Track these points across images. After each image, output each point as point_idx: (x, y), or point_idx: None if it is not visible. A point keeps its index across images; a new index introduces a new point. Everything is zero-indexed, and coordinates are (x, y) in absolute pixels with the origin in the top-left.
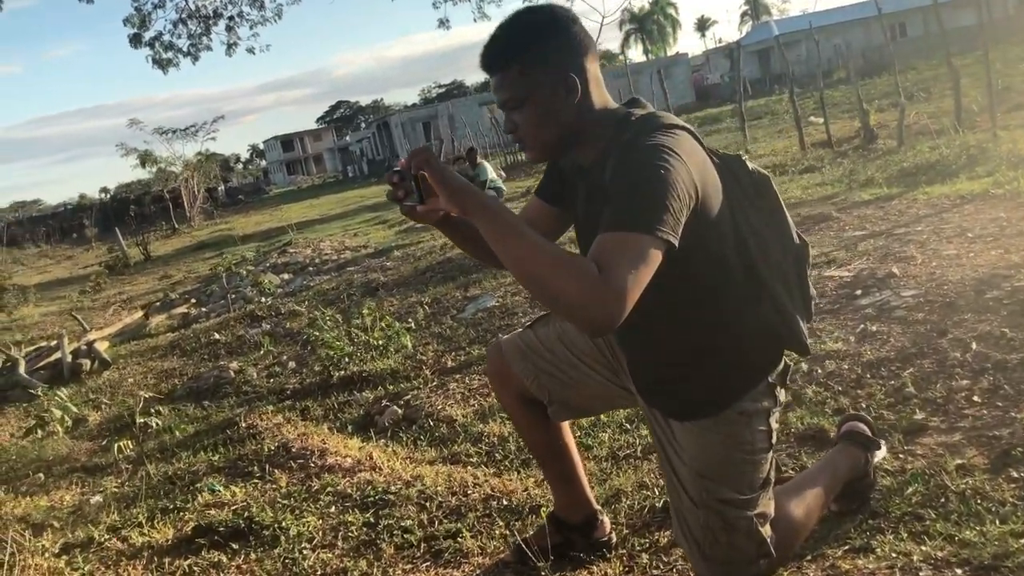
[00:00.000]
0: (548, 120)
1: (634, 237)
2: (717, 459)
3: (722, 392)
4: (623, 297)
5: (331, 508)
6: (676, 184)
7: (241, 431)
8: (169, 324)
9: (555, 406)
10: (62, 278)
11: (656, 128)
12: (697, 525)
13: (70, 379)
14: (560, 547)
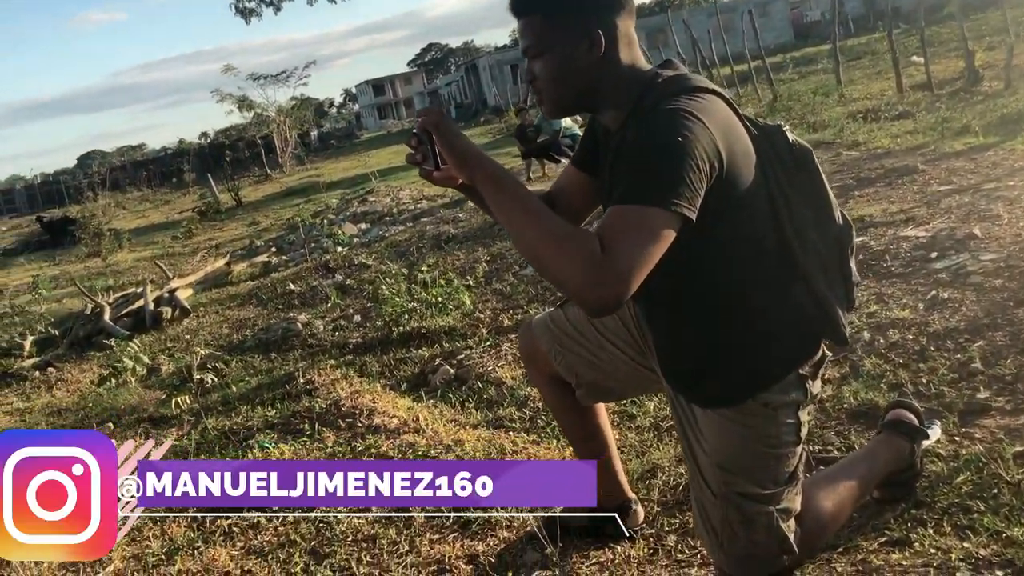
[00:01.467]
0: (566, 74)
1: (644, 211)
2: (738, 451)
3: (746, 381)
4: (626, 277)
5: None
6: (695, 152)
7: (299, 387)
8: (250, 272)
9: (583, 389)
10: (158, 223)
11: (681, 91)
12: (716, 517)
13: (151, 327)
14: (589, 530)
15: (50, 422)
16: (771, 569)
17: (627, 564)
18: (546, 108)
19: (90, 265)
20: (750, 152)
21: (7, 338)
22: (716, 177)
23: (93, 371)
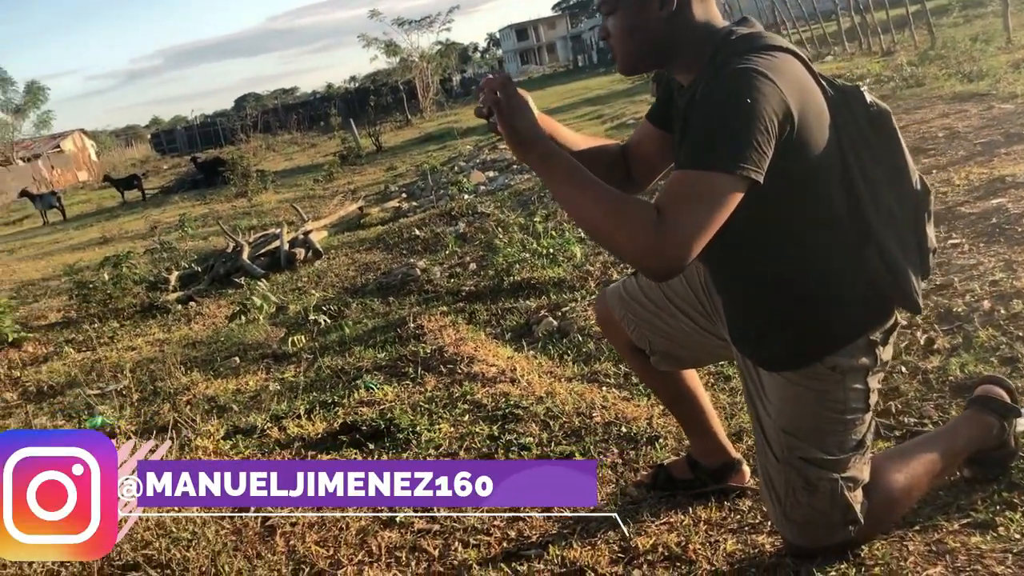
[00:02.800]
0: (637, 31)
1: (708, 176)
2: (803, 414)
3: (813, 343)
4: (684, 243)
5: (464, 417)
6: (763, 113)
7: (409, 331)
8: (381, 217)
9: (656, 356)
10: (303, 165)
11: (753, 49)
12: (779, 482)
13: (285, 267)
14: (691, 484)
15: (185, 353)
16: (834, 539)
17: (695, 526)
18: (618, 64)
19: (237, 205)
20: (823, 113)
21: (155, 272)
22: (786, 138)
23: (228, 307)
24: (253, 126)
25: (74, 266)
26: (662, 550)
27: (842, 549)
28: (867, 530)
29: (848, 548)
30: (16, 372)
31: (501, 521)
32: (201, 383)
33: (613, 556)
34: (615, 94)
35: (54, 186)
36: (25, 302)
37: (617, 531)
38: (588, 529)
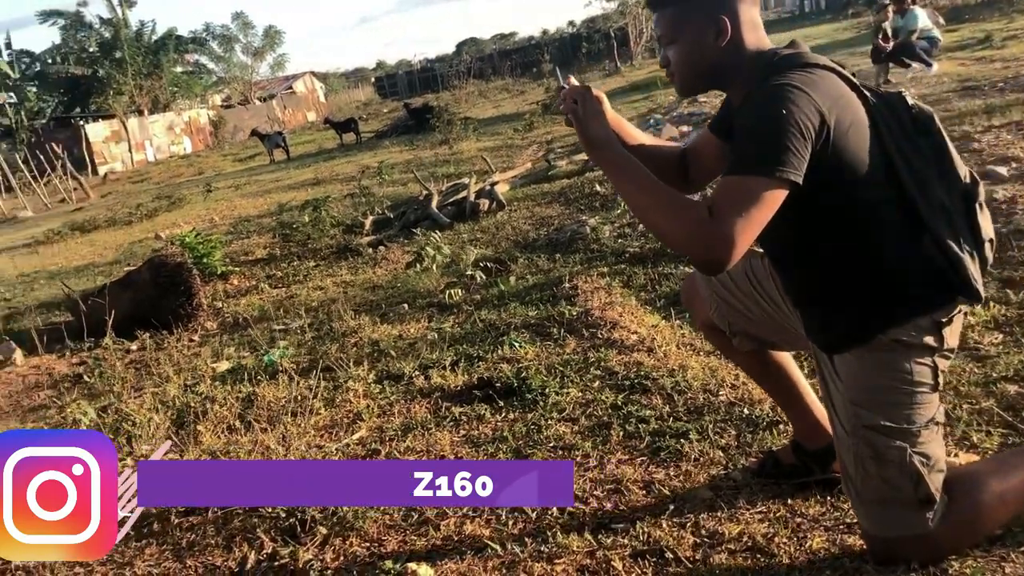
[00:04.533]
0: (694, 59)
1: (749, 180)
2: (870, 384)
3: (875, 318)
4: (730, 241)
5: (594, 383)
6: (797, 121)
7: (563, 290)
8: (568, 170)
9: (737, 337)
10: (508, 113)
11: (791, 67)
12: (849, 459)
13: (469, 217)
14: (796, 471)
15: (364, 296)
16: (912, 527)
17: (791, 518)
18: (677, 89)
19: (439, 152)
20: (861, 120)
21: (353, 216)
22: (823, 142)
23: (408, 255)
24: (467, 72)
25: (285, 205)
26: (747, 539)
27: (926, 558)
28: (951, 534)
29: (933, 558)
30: (219, 303)
31: (602, 491)
32: (368, 327)
33: (698, 539)
34: (836, 44)
35: (285, 125)
36: (239, 237)
37: (710, 515)
38: (682, 510)
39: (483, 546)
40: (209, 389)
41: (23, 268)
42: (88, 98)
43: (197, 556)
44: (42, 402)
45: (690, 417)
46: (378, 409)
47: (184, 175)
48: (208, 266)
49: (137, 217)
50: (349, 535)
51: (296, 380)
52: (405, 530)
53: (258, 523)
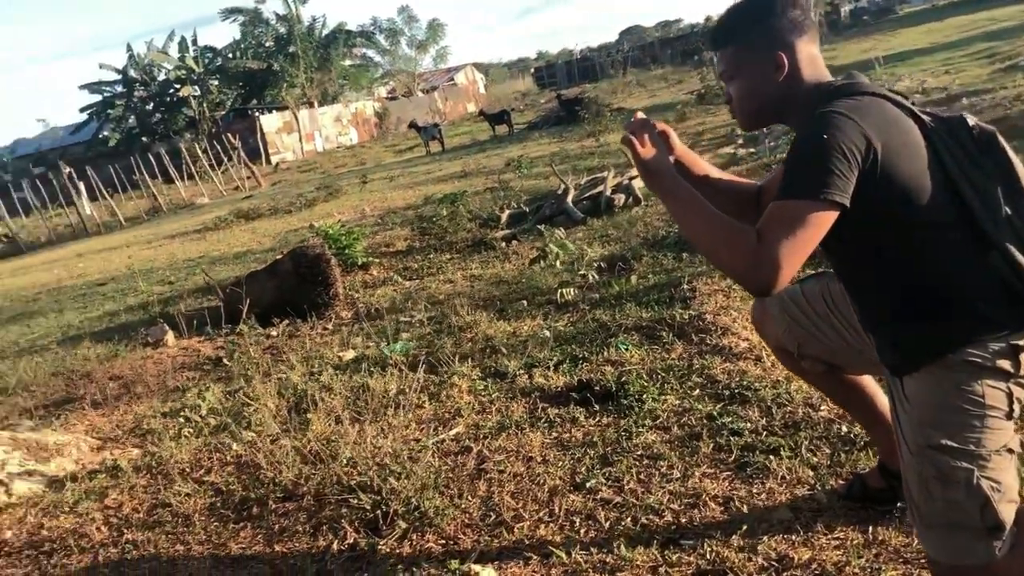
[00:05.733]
0: (754, 94)
1: (794, 203)
2: (937, 403)
3: (943, 338)
4: (776, 263)
5: (694, 391)
6: (840, 145)
7: (681, 292)
8: (714, 163)
9: (807, 360)
10: (662, 103)
11: (840, 96)
12: (914, 480)
13: (604, 212)
14: (884, 495)
15: (488, 291)
16: (977, 555)
17: (869, 547)
18: (739, 123)
19: (585, 144)
20: (914, 143)
21: (490, 209)
22: (871, 165)
23: (536, 250)
24: (625, 61)
25: (430, 198)
26: (816, 567)
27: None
28: (1018, 566)
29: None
30: (356, 293)
31: (679, 504)
32: (484, 323)
33: (766, 563)
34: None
35: (445, 117)
36: (384, 228)
37: (784, 538)
38: (756, 530)
39: (550, 552)
40: (329, 378)
41: (190, 253)
42: (263, 90)
43: (286, 542)
44: (183, 383)
45: (785, 432)
46: (478, 406)
47: (347, 165)
48: (350, 257)
49: (296, 207)
50: (427, 531)
51: (404, 374)
52: (481, 530)
53: (345, 514)
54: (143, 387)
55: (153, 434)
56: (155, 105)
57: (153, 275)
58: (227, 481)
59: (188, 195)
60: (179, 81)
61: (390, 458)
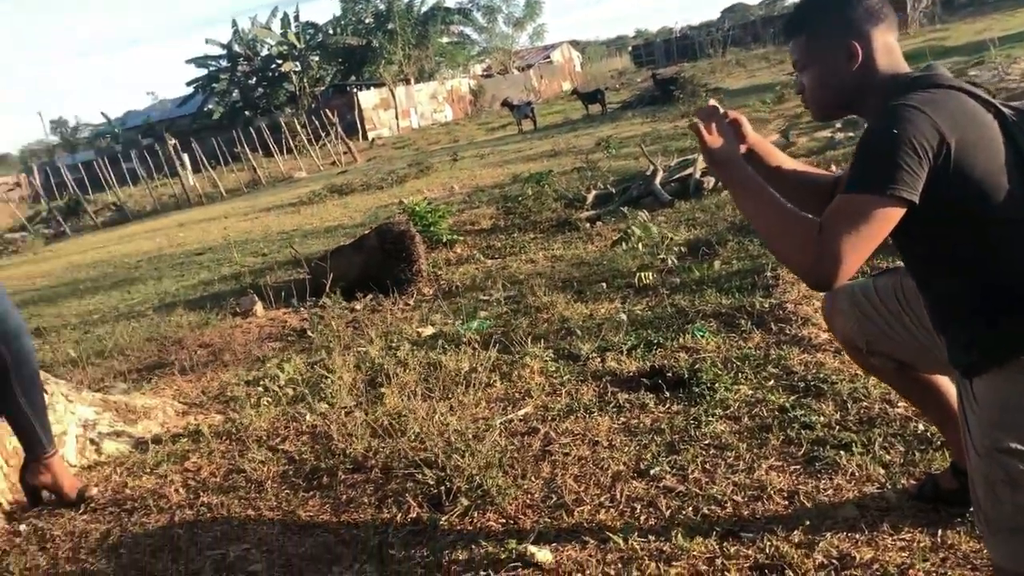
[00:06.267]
0: (827, 84)
1: (860, 198)
2: (1008, 406)
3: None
4: (837, 258)
5: (768, 382)
6: (911, 139)
7: (764, 280)
8: (809, 147)
9: (876, 356)
10: (761, 84)
11: (914, 88)
12: (980, 483)
13: (692, 195)
14: (956, 497)
15: (568, 272)
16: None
17: (936, 550)
18: (812, 114)
19: (679, 125)
20: (991, 138)
21: (576, 190)
22: (943, 161)
23: (619, 232)
24: (725, 40)
25: (518, 176)
26: (878, 567)
27: None
28: None
29: None
30: (438, 270)
31: (743, 496)
32: (561, 304)
33: (826, 560)
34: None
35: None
36: (471, 207)
37: (847, 536)
38: (820, 526)
39: (607, 537)
40: (405, 354)
41: (284, 226)
42: (362, 67)
43: (352, 512)
44: (268, 353)
45: (859, 428)
46: (549, 387)
47: (440, 142)
48: (435, 234)
49: (388, 183)
50: (488, 509)
51: (477, 352)
52: (541, 511)
53: (410, 488)
54: (230, 355)
55: (235, 401)
56: (257, 80)
57: (247, 246)
58: (300, 450)
59: (286, 169)
60: (281, 56)
61: (456, 435)
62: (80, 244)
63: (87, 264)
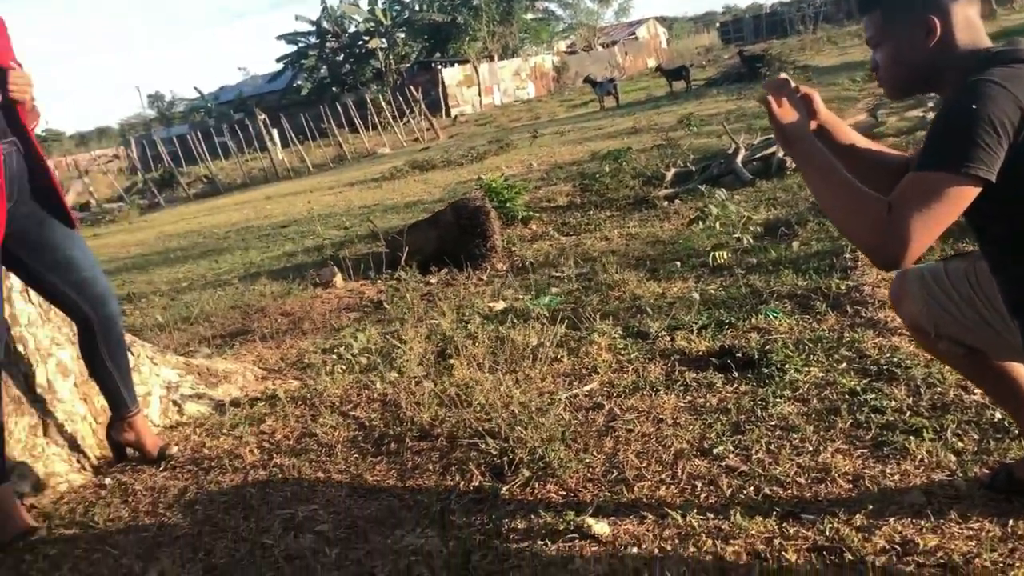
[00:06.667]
0: (902, 60)
1: (932, 176)
2: None
3: None
4: (905, 238)
5: (840, 364)
6: (990, 116)
7: (843, 261)
8: (897, 127)
9: (944, 342)
10: (852, 61)
11: (996, 63)
12: None
13: (775, 174)
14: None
15: (642, 250)
16: None
17: (1005, 541)
18: (886, 92)
19: None
20: None
21: (655, 167)
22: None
23: (696, 210)
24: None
25: (597, 154)
26: (941, 555)
27: None
28: None
29: None
30: (513, 247)
31: (806, 478)
32: (633, 282)
33: (887, 545)
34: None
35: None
36: (548, 183)
37: (912, 522)
38: (883, 511)
39: (666, 513)
40: (476, 327)
41: (366, 200)
42: (447, 44)
43: (417, 478)
44: (345, 323)
45: (932, 414)
46: (616, 364)
47: (521, 120)
48: (511, 211)
49: (468, 159)
50: (549, 481)
51: (545, 327)
52: (602, 485)
53: (474, 457)
54: (309, 324)
55: (311, 368)
56: (345, 56)
57: (330, 220)
58: (370, 417)
59: (371, 145)
60: (368, 33)
61: (521, 408)
62: (172, 215)
63: (178, 234)
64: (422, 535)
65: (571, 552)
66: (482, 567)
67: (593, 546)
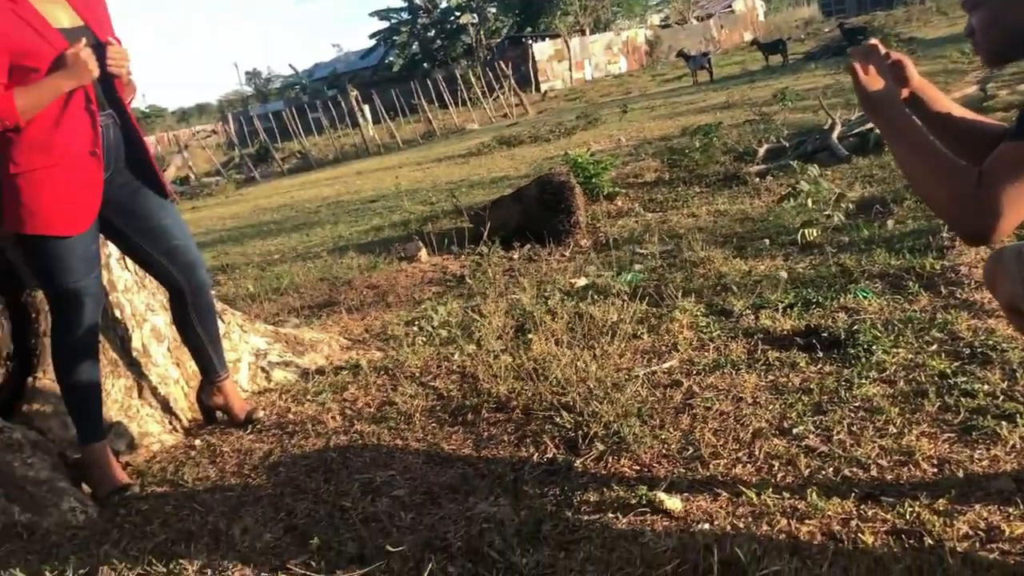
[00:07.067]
0: (999, 24)
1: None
2: None
3: None
4: (995, 210)
5: (930, 346)
6: None
7: (938, 241)
8: (1009, 101)
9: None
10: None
11: None
12: None
13: (872, 150)
14: None
15: (731, 227)
16: None
17: None
18: (983, 58)
19: None
20: None
21: (747, 143)
22: None
23: (787, 187)
24: None
25: (688, 129)
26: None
27: None
28: None
29: None
30: (598, 223)
31: (888, 460)
32: (719, 260)
33: (970, 531)
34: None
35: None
36: (637, 159)
37: (999, 509)
38: (969, 497)
39: (740, 491)
40: (556, 303)
41: (452, 176)
42: (538, 18)
43: (492, 448)
44: (428, 296)
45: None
46: (696, 342)
47: (611, 95)
48: (596, 186)
49: (556, 135)
50: (623, 456)
51: (625, 304)
52: (676, 462)
53: (548, 430)
54: (394, 297)
55: (394, 340)
56: (436, 32)
57: (417, 195)
58: (448, 388)
59: (460, 120)
60: (459, 9)
61: (597, 383)
62: (267, 189)
63: (272, 208)
64: (495, 503)
65: (642, 526)
66: (553, 536)
67: (664, 521)
